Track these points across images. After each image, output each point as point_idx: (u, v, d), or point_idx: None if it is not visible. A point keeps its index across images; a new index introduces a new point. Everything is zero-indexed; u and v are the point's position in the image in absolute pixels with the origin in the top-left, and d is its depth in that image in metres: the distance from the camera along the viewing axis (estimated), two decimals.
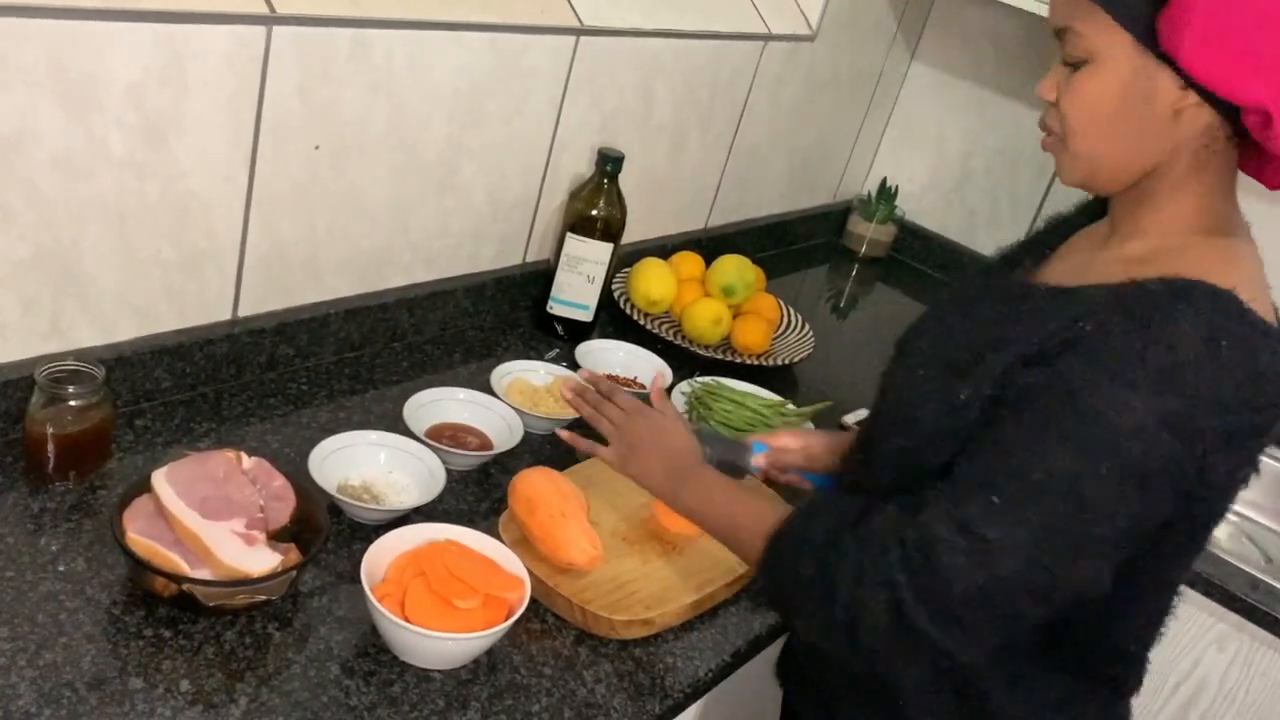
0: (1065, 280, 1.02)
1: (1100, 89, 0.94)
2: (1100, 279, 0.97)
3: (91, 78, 1.07)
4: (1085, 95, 0.94)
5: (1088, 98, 0.94)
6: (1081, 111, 0.95)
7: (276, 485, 1.11)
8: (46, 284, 1.14)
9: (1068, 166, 1.00)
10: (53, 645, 0.95)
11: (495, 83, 1.49)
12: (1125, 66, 0.92)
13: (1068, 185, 1.03)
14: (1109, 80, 0.93)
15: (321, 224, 1.38)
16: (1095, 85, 0.94)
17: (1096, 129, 0.95)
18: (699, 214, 2.09)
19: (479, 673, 1.06)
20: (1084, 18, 0.92)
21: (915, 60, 2.49)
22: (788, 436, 1.36)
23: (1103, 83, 0.93)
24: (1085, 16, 0.92)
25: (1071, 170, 1.00)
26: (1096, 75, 0.93)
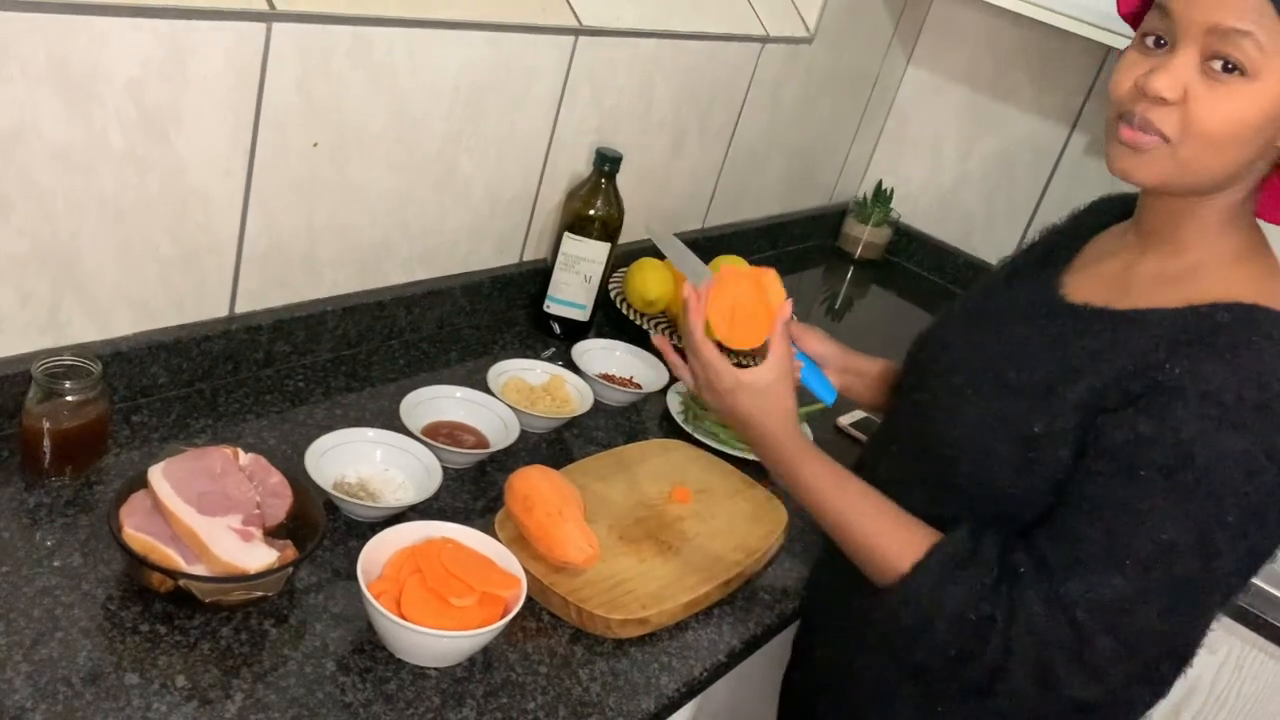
0: (1108, 298, 1.02)
1: (1251, 107, 0.88)
2: (1152, 301, 0.98)
3: (92, 72, 1.07)
4: (1233, 110, 0.88)
5: (1235, 113, 0.88)
6: (1221, 125, 0.89)
7: (273, 482, 1.11)
8: (44, 278, 1.14)
9: (1157, 168, 0.93)
10: (48, 640, 0.95)
11: (494, 81, 1.49)
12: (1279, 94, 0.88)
13: (1137, 183, 0.96)
14: (1261, 103, 0.88)
15: (320, 221, 1.38)
16: (1248, 103, 0.88)
17: (1225, 145, 0.90)
18: (696, 214, 2.09)
19: (474, 670, 1.06)
20: (1272, 31, 0.86)
21: (912, 63, 2.49)
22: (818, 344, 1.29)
23: (1253, 100, 0.88)
24: (1273, 30, 0.86)
25: (1157, 172, 0.93)
26: (1250, 95, 0.87)
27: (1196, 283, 0.97)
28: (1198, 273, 0.98)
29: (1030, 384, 1.00)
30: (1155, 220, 1.02)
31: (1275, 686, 1.64)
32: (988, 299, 1.17)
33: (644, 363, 1.65)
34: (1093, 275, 1.08)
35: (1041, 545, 0.95)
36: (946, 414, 1.06)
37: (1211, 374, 0.89)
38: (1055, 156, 2.32)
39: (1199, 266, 0.98)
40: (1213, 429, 0.88)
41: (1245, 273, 0.97)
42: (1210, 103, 0.89)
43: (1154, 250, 1.02)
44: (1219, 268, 0.97)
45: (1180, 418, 0.89)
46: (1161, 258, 1.01)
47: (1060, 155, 2.32)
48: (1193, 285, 0.96)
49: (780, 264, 2.28)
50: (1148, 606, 0.90)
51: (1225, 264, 0.98)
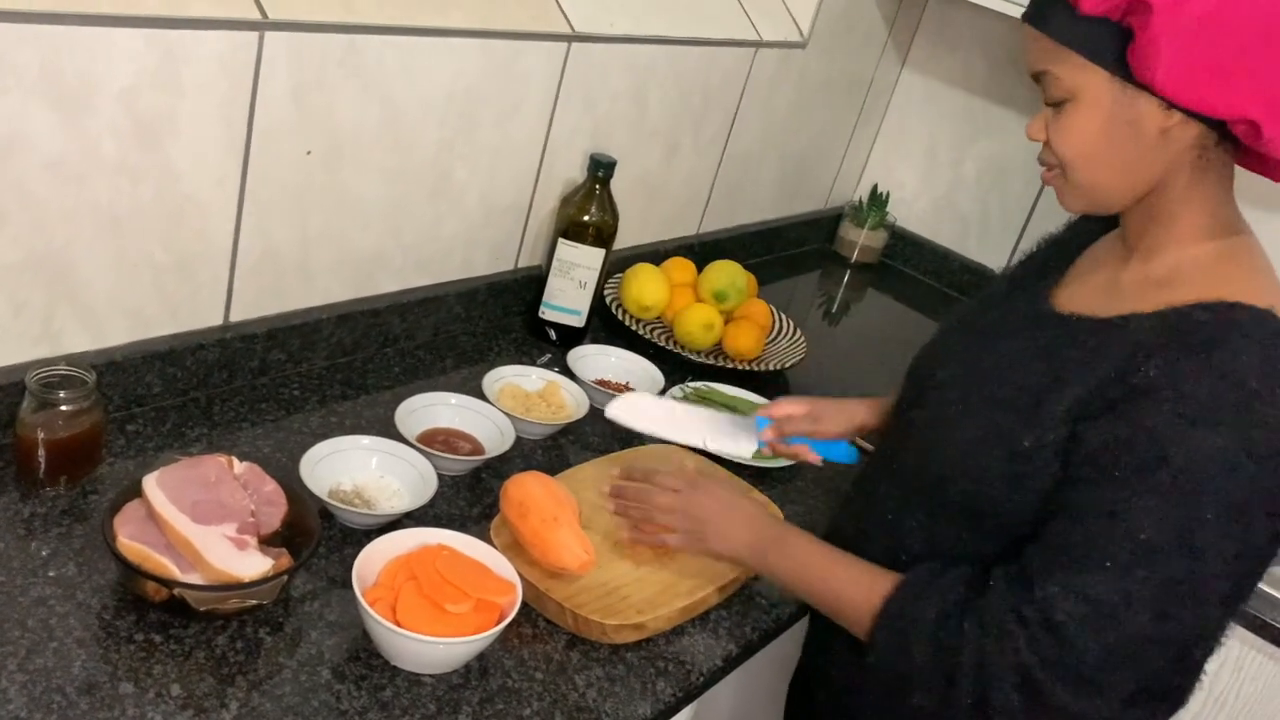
0: (1095, 306, 1.03)
1: (1085, 124, 0.97)
2: (1135, 306, 0.99)
3: (85, 82, 1.08)
4: (1073, 131, 0.98)
5: (1076, 133, 0.97)
6: (1072, 147, 0.98)
7: (268, 490, 1.11)
8: (38, 288, 1.14)
9: (1070, 197, 1.03)
10: (43, 650, 0.95)
11: (488, 88, 1.49)
12: (1105, 99, 0.95)
13: (1073, 212, 1.06)
14: (1092, 114, 0.96)
15: (314, 228, 1.38)
16: (1080, 121, 0.97)
17: (1091, 160, 0.98)
18: (691, 220, 2.10)
19: (470, 677, 1.06)
20: (1058, 60, 0.96)
21: (906, 68, 2.50)
22: (790, 404, 1.34)
23: (1087, 117, 0.96)
24: (1059, 59, 0.96)
25: (1074, 200, 1.03)
26: (1080, 111, 0.97)
27: (1178, 285, 0.97)
28: (1179, 275, 0.99)
29: (1018, 397, 1.01)
30: (1130, 227, 1.05)
31: (1275, 687, 1.64)
32: (984, 312, 1.18)
33: (639, 368, 1.65)
34: (1083, 285, 1.09)
35: (1024, 557, 0.96)
36: (940, 431, 1.08)
37: (1186, 373, 0.90)
38: None
39: (1179, 268, 0.99)
40: (1187, 427, 0.88)
41: (1226, 271, 0.97)
42: (1057, 131, 0.99)
43: (1137, 256, 1.04)
44: (1199, 268, 0.98)
45: (1155, 418, 0.90)
46: (1144, 263, 1.03)
47: None
48: (1174, 288, 0.97)
49: (776, 268, 2.30)
50: (1134, 610, 0.90)
51: (1206, 264, 0.98)
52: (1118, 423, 0.92)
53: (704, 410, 1.39)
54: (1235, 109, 0.91)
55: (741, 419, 1.35)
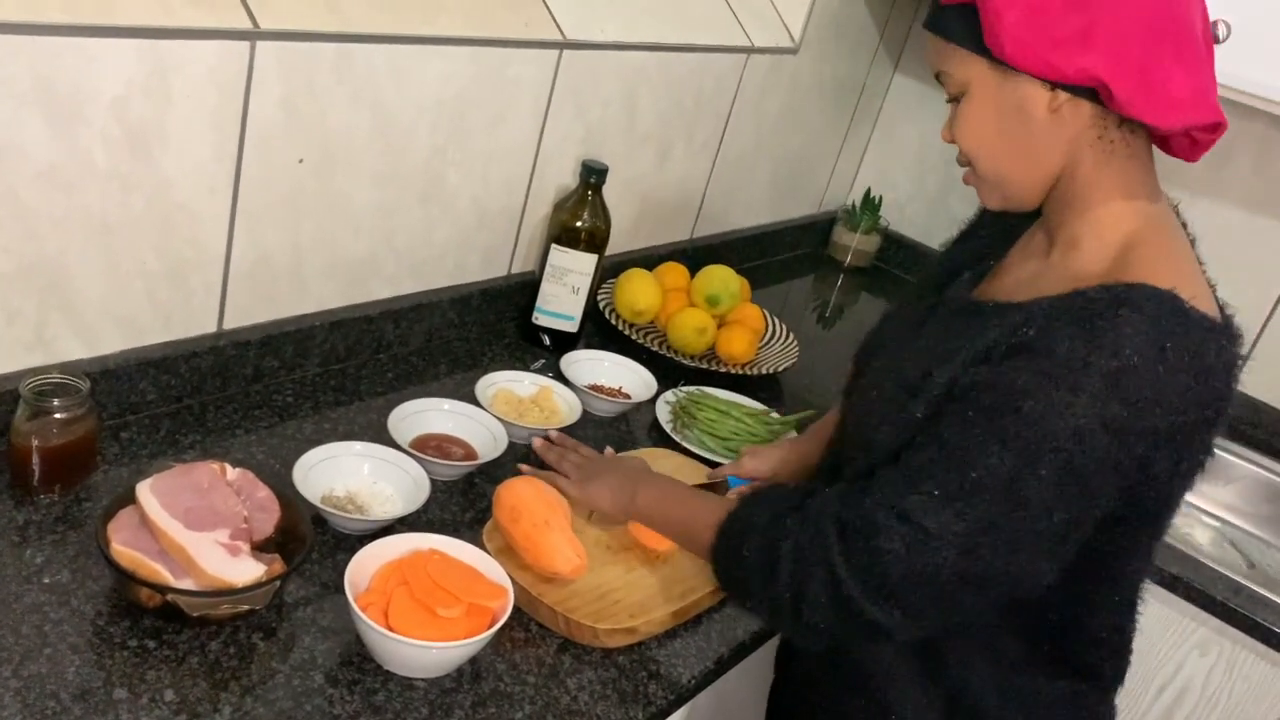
0: (1014, 295, 1.04)
1: (978, 114, 1.01)
2: (1046, 292, 0.99)
3: (76, 91, 1.08)
4: (968, 123, 1.02)
5: (971, 125, 1.02)
6: (969, 138, 1.02)
7: (261, 496, 1.11)
8: (31, 296, 1.15)
9: (985, 192, 1.07)
10: (37, 656, 0.95)
11: (479, 95, 1.50)
12: (990, 87, 0.99)
13: (993, 209, 1.09)
14: (982, 104, 1.00)
15: (306, 236, 1.39)
16: (973, 112, 1.01)
17: (990, 150, 1.02)
18: (684, 225, 2.10)
19: (463, 681, 1.06)
20: (947, 57, 1.01)
21: (898, 72, 2.51)
22: (752, 461, 1.41)
23: (978, 108, 1.00)
24: (948, 56, 1.01)
25: (989, 195, 1.06)
26: (971, 103, 1.01)
27: (1089, 273, 0.98)
28: (1093, 264, 0.99)
29: (917, 375, 1.02)
30: (1050, 220, 1.07)
31: (1266, 687, 1.64)
32: (919, 299, 1.19)
33: (633, 373, 1.66)
34: (1010, 276, 1.10)
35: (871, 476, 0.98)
36: (855, 415, 1.13)
37: (1063, 336, 0.90)
38: None
39: (1092, 258, 1.00)
40: (1049, 385, 0.89)
41: (1136, 255, 0.97)
42: (958, 129, 1.03)
43: (1057, 248, 1.05)
44: (1112, 257, 0.98)
45: (1018, 369, 0.91)
46: (1063, 255, 1.03)
47: None
48: (1091, 277, 0.97)
49: (769, 273, 2.31)
50: (944, 541, 0.90)
51: (1119, 252, 0.98)
52: (984, 370, 0.94)
53: None
54: (1084, 73, 0.93)
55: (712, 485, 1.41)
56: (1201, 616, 1.65)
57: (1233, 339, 0.94)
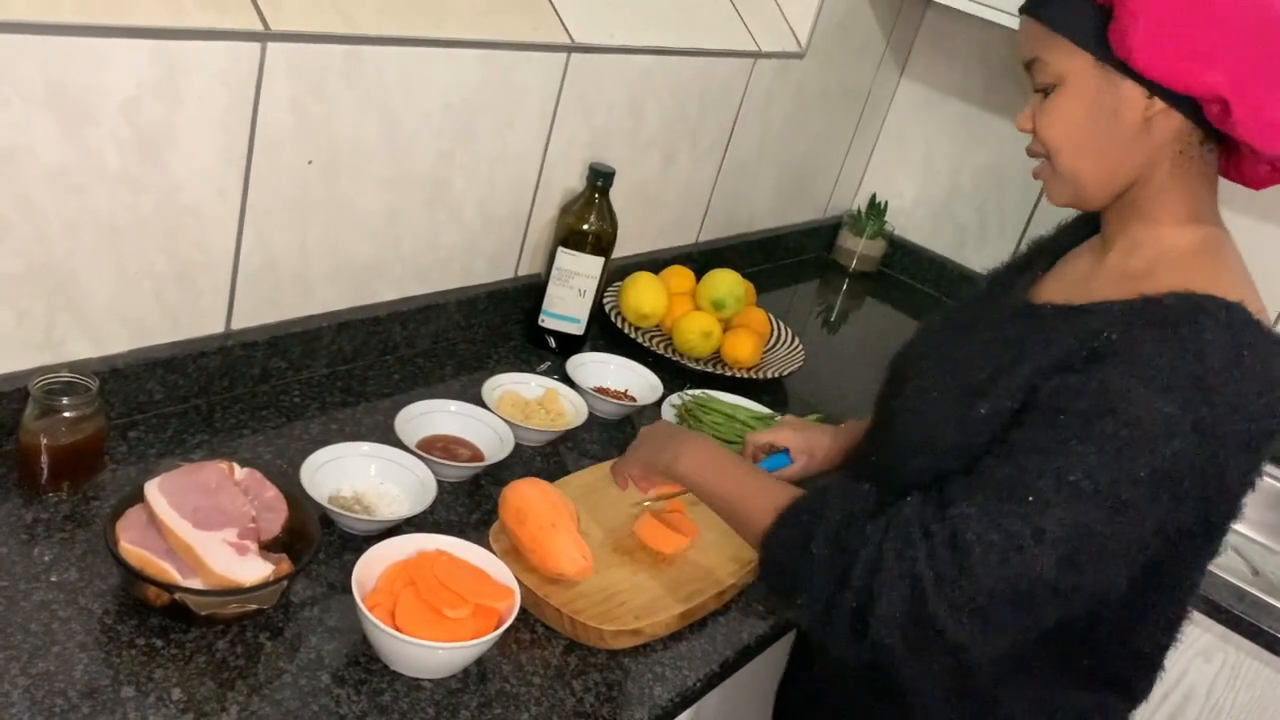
0: (1068, 299, 1.04)
1: (1070, 108, 0.99)
2: (1107, 295, 1.00)
3: (87, 92, 1.09)
4: (1058, 116, 1.00)
5: (1060, 118, 1.00)
6: (1057, 132, 1.00)
7: (268, 496, 1.12)
8: (41, 296, 1.15)
9: (1056, 188, 1.05)
10: (46, 654, 0.95)
11: (487, 98, 1.50)
12: (1090, 84, 0.97)
13: (1058, 205, 1.07)
14: (1077, 99, 0.98)
15: (314, 237, 1.39)
16: (1065, 105, 0.99)
17: (1074, 146, 1.00)
18: (690, 229, 2.11)
19: (469, 681, 1.06)
20: (1047, 46, 0.99)
21: (904, 77, 2.51)
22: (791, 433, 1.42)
23: (1072, 102, 0.99)
24: (1049, 45, 0.99)
25: (1060, 191, 1.04)
26: (1065, 96, 0.99)
27: (1153, 278, 0.98)
28: (1155, 270, 0.99)
29: (982, 376, 1.02)
30: (1109, 224, 1.06)
31: (1270, 695, 1.64)
32: (964, 309, 1.19)
33: (638, 376, 1.66)
34: (1061, 280, 1.10)
35: (947, 484, 0.95)
36: (910, 416, 1.09)
37: (1149, 340, 0.90)
38: None
39: (1155, 264, 1.00)
40: (1141, 387, 0.88)
41: (1199, 265, 0.98)
42: (1044, 119, 1.01)
43: (1113, 252, 1.05)
44: (1174, 265, 0.99)
45: (1110, 372, 0.90)
46: (1121, 258, 1.04)
47: None
48: (1150, 280, 0.98)
49: (775, 277, 2.31)
50: (1043, 549, 0.88)
51: (1180, 261, 0.99)
52: (1071, 375, 0.92)
53: None
54: (1206, 86, 0.92)
55: None
56: (1206, 623, 1.65)
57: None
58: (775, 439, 1.42)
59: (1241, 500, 0.98)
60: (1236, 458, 0.91)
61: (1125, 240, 1.03)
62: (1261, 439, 0.92)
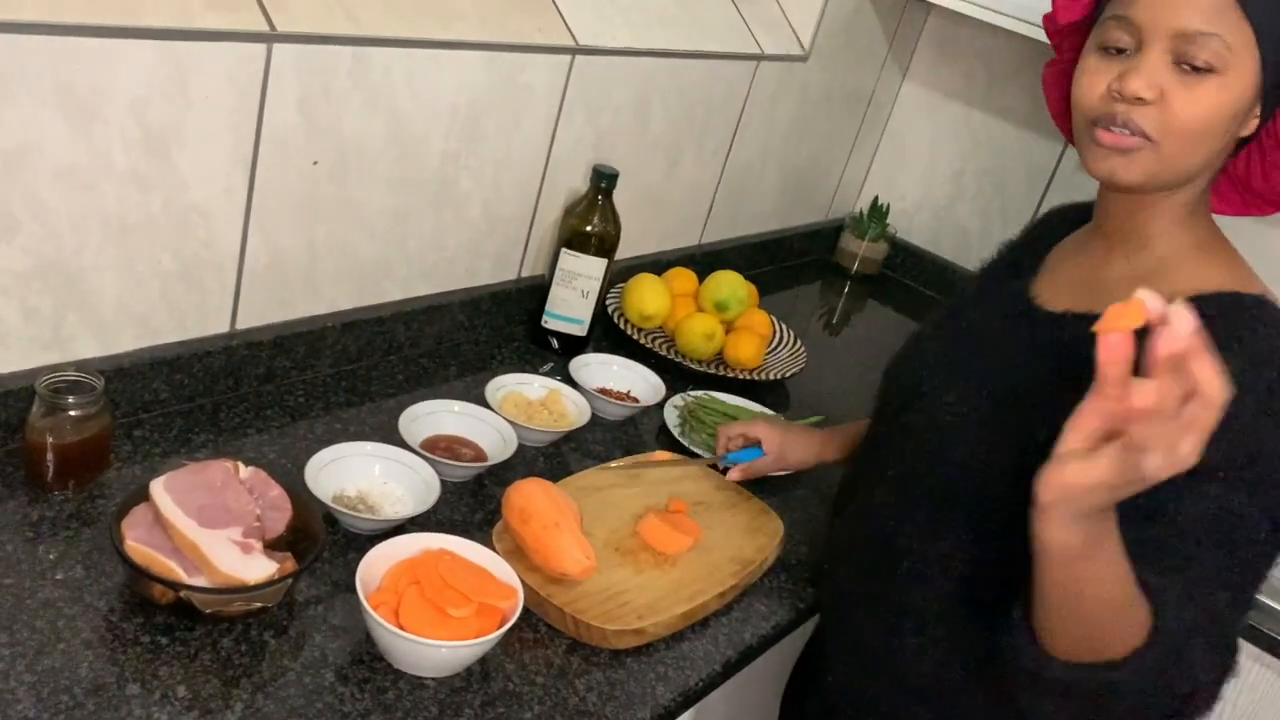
0: (1083, 302, 1.03)
1: (1223, 101, 0.93)
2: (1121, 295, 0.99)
3: (95, 92, 1.09)
4: (1209, 104, 0.92)
5: (1211, 107, 0.93)
6: (1197, 119, 0.93)
7: (273, 495, 1.12)
8: (48, 295, 1.16)
9: (1141, 167, 0.96)
10: (51, 651, 0.96)
11: (492, 100, 1.51)
12: (1249, 87, 0.93)
13: (1123, 182, 0.97)
14: (1233, 95, 0.93)
15: (320, 238, 1.40)
16: (1221, 97, 0.92)
17: (1201, 137, 0.94)
18: (693, 230, 2.11)
19: (472, 680, 1.07)
20: (1234, 30, 0.91)
21: (907, 80, 2.51)
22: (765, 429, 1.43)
23: (1226, 95, 0.92)
24: (1235, 29, 0.91)
25: (1145, 171, 0.96)
26: (1221, 86, 0.92)
27: (1166, 278, 0.98)
28: (1166, 268, 0.99)
29: (1024, 392, 1.00)
30: (1119, 219, 1.04)
31: (1271, 698, 1.64)
32: (957, 317, 1.18)
33: (641, 377, 1.67)
34: (1062, 282, 1.09)
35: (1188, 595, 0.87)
36: (946, 434, 1.06)
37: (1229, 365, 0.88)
38: (1049, 172, 2.34)
39: (1165, 262, 1.00)
40: (1262, 418, 0.88)
41: (1212, 262, 0.98)
42: (1187, 99, 0.92)
43: (1118, 250, 1.04)
44: (1185, 261, 0.99)
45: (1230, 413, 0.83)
46: (1128, 256, 1.03)
47: (1054, 171, 2.33)
48: (1163, 281, 0.97)
49: (777, 279, 2.31)
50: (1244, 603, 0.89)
51: (1190, 257, 0.99)
52: None
53: None
54: None
55: None
56: None
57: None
58: (749, 431, 1.44)
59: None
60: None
61: (1136, 237, 1.02)
62: None
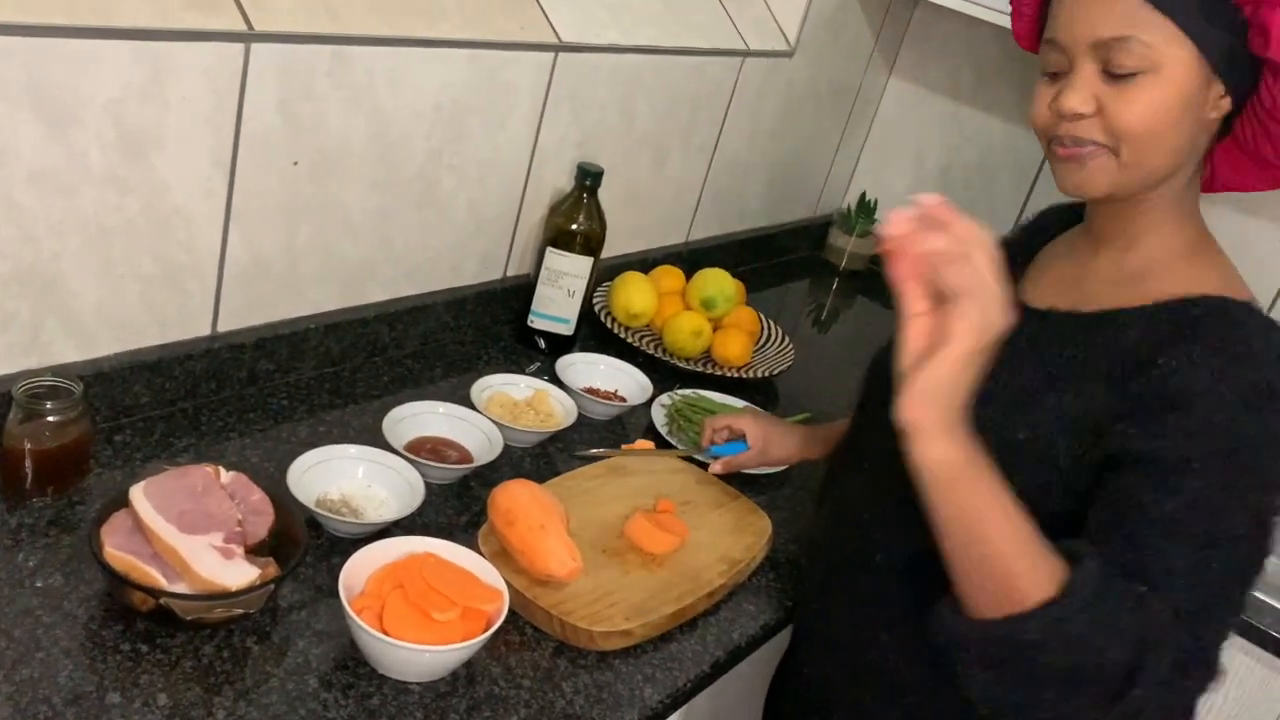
0: (1070, 301, 1.03)
1: (1163, 98, 0.92)
2: (1115, 302, 0.98)
3: (71, 94, 1.08)
4: (1149, 105, 0.92)
5: (1152, 108, 0.92)
6: (1143, 122, 0.92)
7: (255, 499, 1.11)
8: (25, 299, 1.15)
9: (1102, 175, 0.96)
10: (30, 660, 0.95)
11: (475, 98, 1.50)
12: (1189, 75, 0.92)
13: (1092, 194, 0.98)
14: (1173, 90, 0.92)
15: (301, 239, 1.38)
16: (1157, 94, 0.92)
17: (1155, 138, 0.93)
18: (680, 228, 2.10)
19: (457, 685, 1.06)
20: (1149, 28, 0.90)
21: (893, 75, 2.51)
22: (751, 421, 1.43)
23: (1165, 91, 0.92)
24: (1151, 27, 0.90)
25: (1107, 180, 0.96)
26: (1160, 85, 0.92)
27: (1154, 280, 0.97)
28: (1152, 270, 0.98)
29: (1006, 393, 1.00)
30: (1106, 220, 1.03)
31: (1262, 692, 1.64)
32: None
33: (628, 376, 1.66)
34: (1049, 281, 1.09)
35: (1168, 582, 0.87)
36: None
37: (1208, 363, 0.89)
38: (1036, 167, 2.34)
39: (1152, 263, 0.99)
40: (1242, 413, 0.87)
41: (1199, 264, 0.97)
42: (1123, 104, 0.93)
43: (1106, 250, 1.03)
44: (1172, 263, 0.98)
45: (1210, 408, 0.88)
46: (1115, 256, 1.02)
47: (1041, 166, 2.33)
48: (1151, 282, 0.97)
49: (765, 276, 2.31)
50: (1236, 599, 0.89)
51: (1178, 259, 0.98)
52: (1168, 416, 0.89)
53: None
54: None
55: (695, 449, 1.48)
56: None
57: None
58: (734, 424, 1.43)
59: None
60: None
61: (1124, 237, 1.01)
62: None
